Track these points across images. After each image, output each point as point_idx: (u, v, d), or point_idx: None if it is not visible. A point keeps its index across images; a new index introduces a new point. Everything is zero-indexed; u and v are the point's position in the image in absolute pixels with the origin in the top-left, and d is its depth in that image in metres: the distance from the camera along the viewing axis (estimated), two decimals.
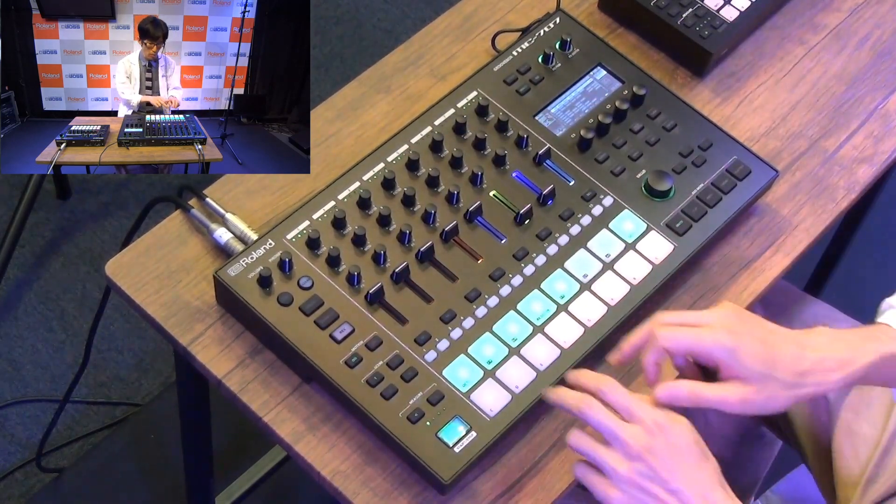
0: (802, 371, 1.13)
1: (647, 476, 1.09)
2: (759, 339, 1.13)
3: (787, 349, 1.14)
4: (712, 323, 1.14)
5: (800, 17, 1.55)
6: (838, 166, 1.44)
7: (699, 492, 1.09)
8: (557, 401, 1.15)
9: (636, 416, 1.11)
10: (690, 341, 1.13)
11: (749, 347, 1.12)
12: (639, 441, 1.09)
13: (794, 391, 1.13)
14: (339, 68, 2.50)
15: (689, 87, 1.48)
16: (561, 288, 1.28)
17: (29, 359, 2.13)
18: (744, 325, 1.14)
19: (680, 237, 1.32)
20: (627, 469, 1.09)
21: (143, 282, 1.29)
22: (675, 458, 1.09)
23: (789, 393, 1.13)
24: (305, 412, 1.23)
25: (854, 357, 1.15)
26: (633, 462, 1.09)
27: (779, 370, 1.12)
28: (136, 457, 2.07)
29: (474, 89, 1.38)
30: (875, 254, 2.39)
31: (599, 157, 1.36)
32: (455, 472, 1.17)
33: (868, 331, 1.19)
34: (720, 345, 1.12)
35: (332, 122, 1.41)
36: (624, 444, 1.09)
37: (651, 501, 1.09)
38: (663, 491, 1.09)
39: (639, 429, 1.10)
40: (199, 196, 1.34)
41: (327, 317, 1.23)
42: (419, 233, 1.29)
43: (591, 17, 1.52)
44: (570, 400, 1.13)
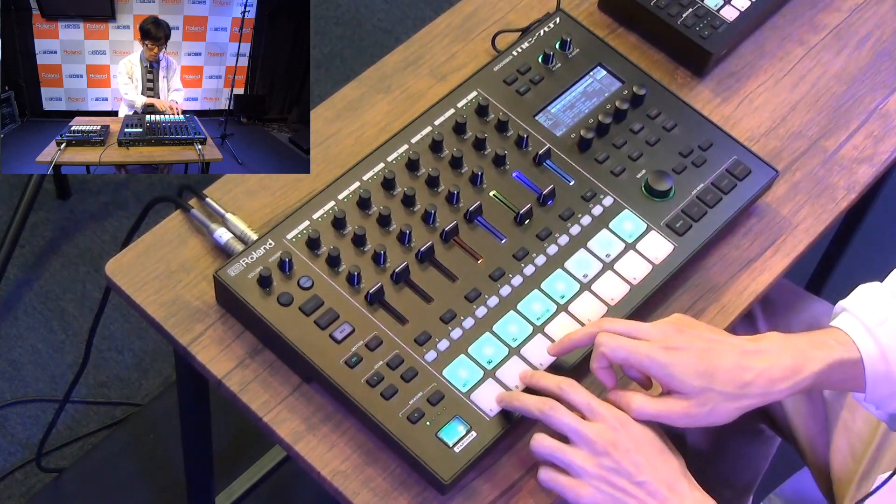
0: (744, 382, 1.13)
1: (613, 470, 1.11)
2: (697, 353, 1.14)
3: (728, 360, 1.14)
4: (651, 337, 1.15)
5: (800, 17, 1.55)
6: (838, 166, 1.44)
7: (665, 482, 1.11)
8: (519, 406, 1.17)
9: (598, 413, 1.13)
10: (626, 353, 1.14)
11: (684, 363, 1.13)
12: (603, 437, 1.11)
13: (738, 402, 1.13)
14: (339, 68, 2.50)
15: (689, 87, 1.48)
16: (561, 288, 1.28)
17: (29, 359, 2.13)
18: (683, 338, 1.15)
19: (680, 237, 1.32)
20: (595, 465, 1.11)
21: (143, 282, 1.29)
22: (639, 451, 1.11)
23: (733, 405, 1.13)
24: (305, 412, 1.23)
25: (802, 365, 1.15)
26: (600, 458, 1.11)
27: (718, 383, 1.13)
28: (136, 457, 2.07)
29: (474, 89, 1.38)
30: (875, 254, 2.39)
31: (599, 157, 1.36)
32: (455, 472, 1.17)
33: (818, 336, 1.19)
34: (653, 360, 1.13)
35: (332, 122, 1.41)
36: (589, 441, 1.11)
37: (619, 495, 1.10)
38: (630, 484, 1.10)
39: (601, 425, 1.12)
40: (199, 196, 1.34)
41: (327, 317, 1.23)
42: (419, 233, 1.29)
43: (591, 17, 1.52)
44: (531, 404, 1.15)
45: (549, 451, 1.13)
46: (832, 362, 1.16)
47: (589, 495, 1.11)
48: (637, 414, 1.13)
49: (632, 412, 1.13)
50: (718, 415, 1.13)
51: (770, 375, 1.14)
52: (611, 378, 1.17)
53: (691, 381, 1.13)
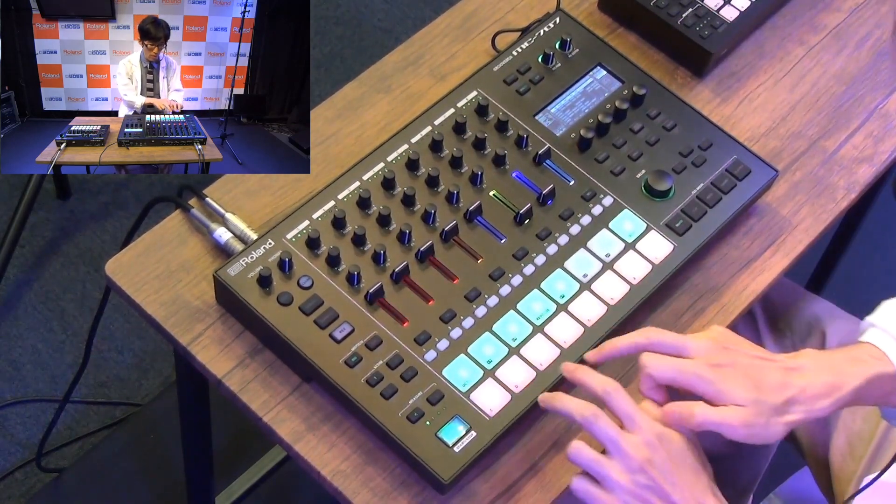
0: (788, 398, 1.13)
1: (647, 488, 1.09)
2: (744, 370, 1.13)
3: (773, 376, 1.14)
4: (695, 354, 1.14)
5: (800, 17, 1.55)
6: (838, 166, 1.44)
7: (695, 500, 1.10)
8: (561, 408, 1.15)
9: (638, 425, 1.11)
10: (673, 374, 1.14)
11: (732, 379, 1.13)
12: (640, 453, 1.10)
13: (786, 417, 1.13)
14: (339, 68, 2.50)
15: (689, 87, 1.48)
16: (561, 288, 1.28)
17: (29, 359, 2.13)
18: (727, 356, 1.14)
19: (680, 237, 1.32)
20: (629, 481, 1.09)
21: (143, 282, 1.29)
22: (674, 470, 1.10)
23: (782, 420, 1.13)
24: (305, 412, 1.23)
25: (841, 382, 1.15)
26: (635, 474, 1.09)
27: (766, 395, 1.12)
28: (136, 457, 2.07)
29: (474, 89, 1.38)
30: (875, 253, 2.39)
31: (599, 157, 1.36)
32: (455, 471, 1.17)
33: (853, 352, 1.19)
34: (701, 378, 1.13)
35: (332, 122, 1.41)
36: (626, 455, 1.10)
37: None
38: (662, 502, 1.09)
39: (640, 440, 1.10)
40: (199, 196, 1.34)
41: (327, 316, 1.23)
42: (419, 233, 1.29)
43: (591, 17, 1.52)
44: (574, 409, 1.13)
45: (587, 462, 1.11)
46: (870, 377, 1.16)
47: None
48: (699, 422, 1.11)
49: (694, 421, 1.12)
50: (772, 429, 1.12)
51: (812, 392, 1.14)
52: (660, 395, 1.16)
53: (742, 393, 1.12)
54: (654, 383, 1.15)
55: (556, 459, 1.23)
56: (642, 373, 1.15)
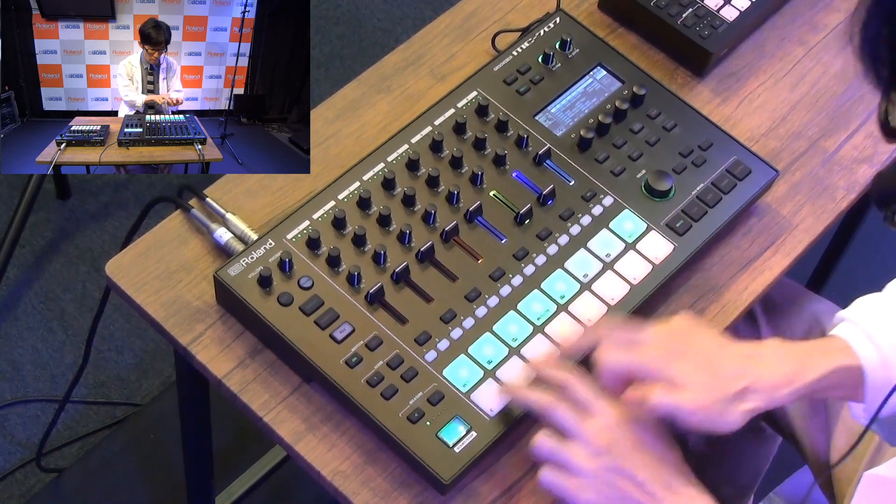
0: (745, 387, 1.13)
1: (613, 470, 1.11)
2: (697, 358, 1.14)
3: (729, 364, 1.14)
4: (649, 342, 1.15)
5: (800, 17, 1.55)
6: (838, 166, 1.44)
7: (663, 481, 1.11)
8: (520, 400, 1.17)
9: (598, 410, 1.13)
10: (625, 365, 1.15)
11: (685, 367, 1.13)
12: (601, 437, 1.11)
13: (743, 405, 1.13)
14: (339, 68, 2.50)
15: (689, 87, 1.48)
16: (561, 288, 1.28)
17: (29, 359, 2.13)
18: (683, 342, 1.15)
19: (680, 237, 1.32)
20: (594, 465, 1.11)
21: (143, 282, 1.29)
22: (636, 450, 1.11)
23: (739, 408, 1.13)
24: (305, 412, 1.23)
25: (802, 372, 1.15)
26: (599, 457, 1.11)
27: (721, 383, 1.13)
28: (136, 457, 2.07)
29: (474, 89, 1.38)
30: (875, 254, 2.39)
31: (599, 157, 1.36)
32: (455, 472, 1.17)
33: (820, 344, 1.20)
34: (652, 369, 1.13)
35: (332, 122, 1.41)
36: (587, 440, 1.11)
37: (619, 495, 1.10)
38: (630, 484, 1.11)
39: (601, 423, 1.12)
40: (199, 196, 1.34)
41: (327, 317, 1.23)
42: (419, 233, 1.29)
43: (591, 17, 1.52)
44: (533, 400, 1.16)
45: (549, 452, 1.13)
46: (833, 369, 1.17)
47: (588, 496, 1.11)
48: (654, 404, 1.11)
49: (650, 404, 1.12)
50: (729, 417, 1.13)
51: (770, 381, 1.14)
52: (621, 387, 1.16)
53: (695, 379, 1.12)
54: (610, 376, 1.16)
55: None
56: (596, 366, 1.16)
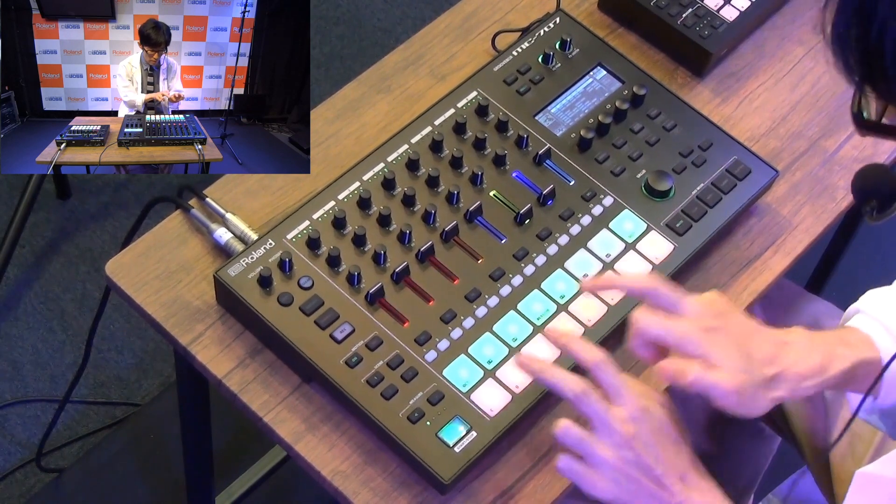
0: (776, 374, 1.13)
1: (632, 463, 1.10)
2: (734, 337, 1.13)
3: (765, 349, 1.13)
4: (688, 313, 1.14)
5: (800, 17, 1.55)
6: (838, 166, 1.44)
7: (677, 474, 1.11)
8: (551, 381, 1.14)
9: (624, 398, 1.11)
10: (662, 331, 1.13)
11: (722, 344, 1.12)
12: (626, 428, 1.10)
13: (771, 393, 1.13)
14: (339, 68, 2.50)
15: (689, 87, 1.48)
16: (561, 288, 1.28)
17: (29, 359, 2.13)
18: (720, 321, 1.14)
19: (680, 237, 1.32)
20: (614, 457, 1.10)
21: (143, 282, 1.29)
22: (657, 444, 1.11)
23: (767, 394, 1.12)
24: (305, 412, 1.23)
25: (829, 363, 1.15)
26: (621, 450, 1.10)
27: (756, 366, 1.12)
28: (136, 457, 2.07)
29: (474, 89, 1.38)
30: (875, 254, 2.39)
31: (599, 157, 1.36)
32: (455, 472, 1.17)
33: (841, 335, 1.19)
34: (689, 340, 1.12)
35: (332, 122, 1.41)
36: (613, 431, 1.10)
37: (635, 487, 1.10)
38: (646, 477, 1.10)
39: (626, 414, 1.11)
40: (199, 196, 1.34)
41: (327, 317, 1.23)
42: (419, 233, 1.29)
43: (591, 17, 1.52)
44: (565, 383, 1.12)
45: (576, 442, 1.12)
46: (857, 362, 1.16)
47: (604, 486, 1.11)
48: (691, 381, 1.10)
49: (686, 379, 1.10)
50: (759, 402, 1.12)
51: (801, 370, 1.13)
52: (650, 353, 1.15)
53: (730, 360, 1.11)
54: (642, 340, 1.14)
55: (557, 460, 1.23)
56: (631, 328, 1.14)
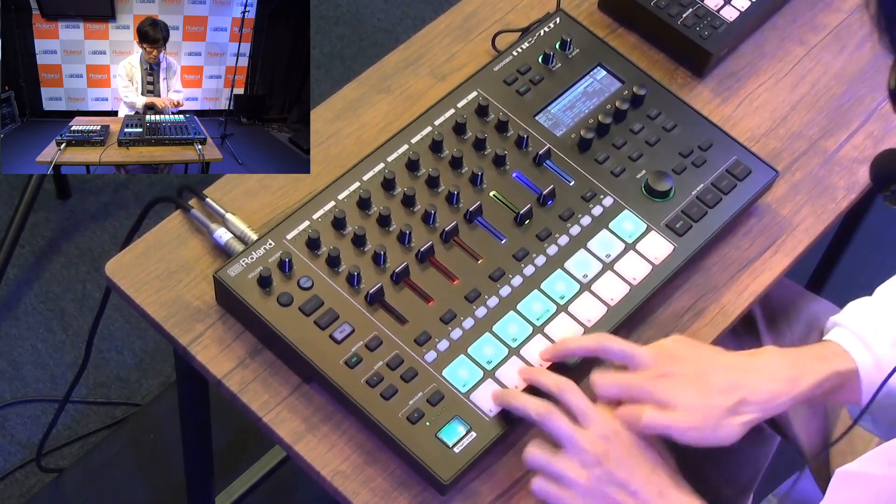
0: (740, 399, 1.14)
1: (605, 481, 1.11)
2: (690, 378, 1.15)
3: (723, 379, 1.15)
4: (641, 365, 1.17)
5: (800, 17, 1.55)
6: (838, 166, 1.44)
7: (656, 490, 1.12)
8: (516, 406, 1.17)
9: (592, 420, 1.13)
10: (618, 390, 1.16)
11: (677, 388, 1.14)
12: (596, 447, 1.12)
13: (740, 418, 1.14)
14: (339, 68, 2.50)
15: (689, 87, 1.48)
16: (561, 288, 1.28)
17: (29, 359, 2.13)
18: (675, 365, 1.16)
19: (680, 237, 1.32)
20: (586, 477, 1.11)
21: (143, 282, 1.29)
22: (631, 460, 1.12)
23: (736, 420, 1.14)
24: (305, 412, 1.23)
25: (799, 377, 1.17)
26: (591, 469, 1.12)
27: (714, 398, 1.14)
28: (136, 457, 2.07)
29: (474, 89, 1.38)
30: (875, 254, 2.39)
31: (599, 158, 1.36)
32: (455, 472, 1.17)
33: (814, 349, 1.21)
34: (645, 391, 1.15)
35: (332, 122, 1.41)
36: (581, 450, 1.12)
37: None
38: (623, 493, 1.11)
39: (595, 433, 1.12)
40: (199, 196, 1.34)
41: (327, 317, 1.23)
42: (419, 233, 1.28)
43: (591, 17, 1.52)
44: (529, 406, 1.16)
45: (542, 463, 1.14)
46: (829, 374, 1.18)
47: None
48: (646, 425, 1.13)
49: (641, 425, 1.13)
50: (725, 431, 1.14)
51: (766, 392, 1.15)
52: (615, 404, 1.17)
53: (687, 399, 1.14)
54: (606, 399, 1.17)
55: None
56: (593, 389, 1.17)
